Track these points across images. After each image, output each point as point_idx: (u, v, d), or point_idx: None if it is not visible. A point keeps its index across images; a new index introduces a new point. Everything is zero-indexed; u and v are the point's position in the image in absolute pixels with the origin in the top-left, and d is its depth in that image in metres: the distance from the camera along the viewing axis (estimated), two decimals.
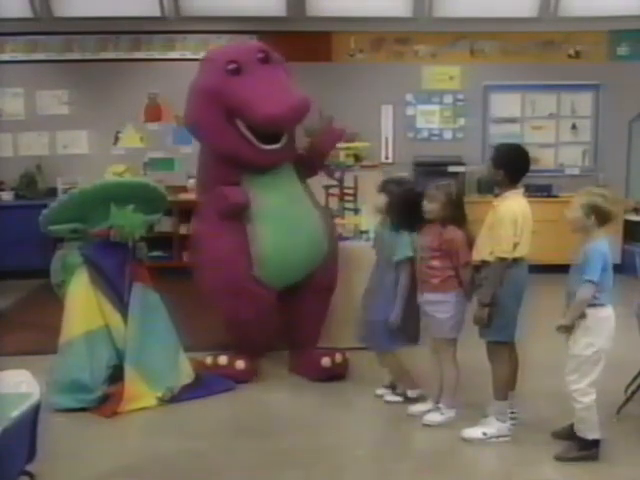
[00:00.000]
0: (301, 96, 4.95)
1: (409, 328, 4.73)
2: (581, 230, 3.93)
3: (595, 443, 3.98)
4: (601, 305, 3.88)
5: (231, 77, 4.94)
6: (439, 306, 4.46)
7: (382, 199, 4.82)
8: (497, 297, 4.15)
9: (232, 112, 4.95)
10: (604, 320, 3.89)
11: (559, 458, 4.01)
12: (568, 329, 3.90)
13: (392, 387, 4.97)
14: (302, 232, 5.18)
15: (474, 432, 4.30)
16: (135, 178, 5.26)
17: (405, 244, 4.68)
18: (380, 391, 5.01)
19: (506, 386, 4.32)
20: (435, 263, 4.47)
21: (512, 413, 4.34)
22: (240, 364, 5.24)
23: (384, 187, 4.86)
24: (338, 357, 5.30)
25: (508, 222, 4.09)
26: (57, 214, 5.03)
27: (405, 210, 4.70)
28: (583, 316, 3.88)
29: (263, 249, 5.09)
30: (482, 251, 4.25)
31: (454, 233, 4.42)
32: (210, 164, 5.31)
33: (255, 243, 5.09)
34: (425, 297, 4.56)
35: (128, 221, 5.02)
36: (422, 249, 4.57)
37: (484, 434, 4.27)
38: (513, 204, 4.17)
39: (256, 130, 4.96)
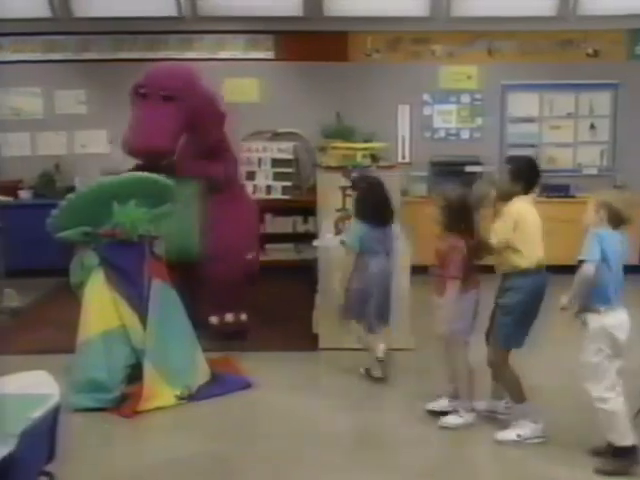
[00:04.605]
0: (139, 139, 5.62)
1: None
2: (591, 227, 3.94)
3: (630, 450, 3.90)
4: (606, 310, 3.86)
5: (136, 97, 5.82)
6: (444, 309, 4.49)
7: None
8: (511, 306, 4.25)
9: None
10: (610, 326, 3.84)
11: (598, 471, 3.95)
12: (567, 308, 3.91)
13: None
14: (176, 232, 5.71)
15: (508, 434, 4.33)
16: (134, 174, 5.27)
17: (350, 232, 5.32)
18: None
19: (520, 388, 4.35)
20: (439, 270, 4.55)
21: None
22: (244, 316, 6.18)
23: (353, 184, 5.56)
24: (228, 317, 6.11)
25: (509, 218, 4.22)
26: (63, 220, 5.06)
27: (363, 203, 5.28)
28: (586, 323, 3.90)
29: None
30: (501, 264, 4.37)
31: (452, 243, 4.47)
32: None
33: None
34: (436, 301, 4.62)
35: (129, 217, 5.05)
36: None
37: (518, 436, 4.30)
38: (518, 205, 4.28)
39: None
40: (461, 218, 4.49)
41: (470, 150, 9.17)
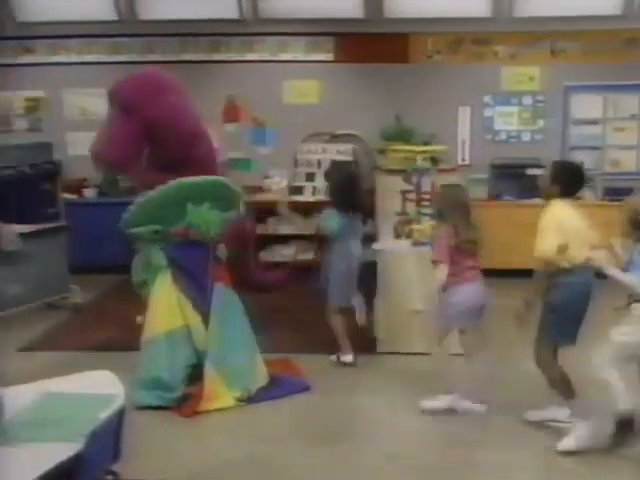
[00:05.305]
0: (96, 150, 5.60)
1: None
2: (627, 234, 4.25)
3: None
4: None
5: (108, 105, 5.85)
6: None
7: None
8: (556, 304, 4.32)
9: None
10: None
11: None
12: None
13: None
14: None
15: (567, 443, 4.29)
16: (209, 177, 5.30)
17: (328, 219, 5.69)
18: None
19: (568, 383, 4.37)
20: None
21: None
22: None
23: (326, 174, 6.26)
24: None
25: (551, 226, 4.28)
26: (137, 216, 5.15)
27: (339, 193, 5.72)
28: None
29: None
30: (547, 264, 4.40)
31: (438, 231, 4.79)
32: None
33: None
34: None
35: (204, 219, 5.11)
36: None
37: (576, 438, 4.27)
38: (557, 210, 4.36)
39: None
40: (454, 211, 4.69)
41: (531, 152, 9.02)
